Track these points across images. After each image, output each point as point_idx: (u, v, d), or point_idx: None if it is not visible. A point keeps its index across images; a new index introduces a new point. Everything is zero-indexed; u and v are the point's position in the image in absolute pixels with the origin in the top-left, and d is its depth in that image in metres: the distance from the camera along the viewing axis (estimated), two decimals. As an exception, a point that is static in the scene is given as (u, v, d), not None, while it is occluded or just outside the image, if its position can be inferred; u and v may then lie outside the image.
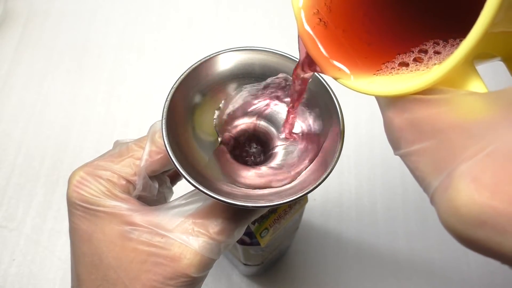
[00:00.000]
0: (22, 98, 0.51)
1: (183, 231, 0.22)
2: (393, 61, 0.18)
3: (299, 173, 0.23)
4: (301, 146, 0.25)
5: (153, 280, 0.22)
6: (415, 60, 0.18)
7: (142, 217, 0.23)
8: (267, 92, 0.26)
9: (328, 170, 0.21)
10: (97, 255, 0.22)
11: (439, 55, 0.17)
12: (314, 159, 0.24)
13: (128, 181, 0.25)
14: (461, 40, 0.16)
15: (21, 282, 0.42)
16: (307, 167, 0.23)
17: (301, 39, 0.19)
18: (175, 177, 0.29)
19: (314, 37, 0.19)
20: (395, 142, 0.16)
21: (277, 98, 0.26)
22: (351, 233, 0.44)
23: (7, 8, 0.56)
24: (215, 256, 0.23)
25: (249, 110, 0.26)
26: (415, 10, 0.20)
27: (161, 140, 0.23)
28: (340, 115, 0.23)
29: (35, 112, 0.50)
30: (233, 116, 0.26)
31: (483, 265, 0.42)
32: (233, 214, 0.23)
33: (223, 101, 0.26)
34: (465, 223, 0.12)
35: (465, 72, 0.15)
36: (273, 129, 0.26)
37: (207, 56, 0.24)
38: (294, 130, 0.26)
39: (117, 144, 0.26)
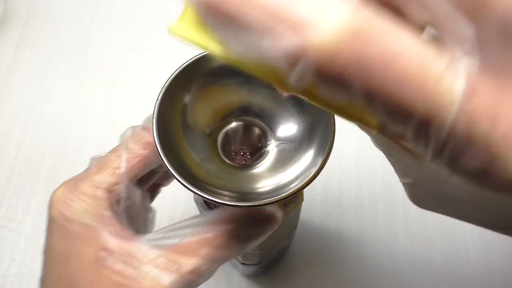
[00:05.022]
0: (22, 98, 0.51)
1: (157, 265, 0.22)
2: None
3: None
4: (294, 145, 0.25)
5: None
6: None
7: (120, 243, 0.22)
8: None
9: (317, 168, 0.21)
10: (73, 277, 0.22)
11: None
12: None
13: (111, 193, 0.24)
14: None
15: (21, 282, 0.42)
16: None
17: None
18: (155, 189, 0.29)
19: None
20: None
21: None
22: (351, 233, 0.44)
23: (7, 8, 0.56)
24: None
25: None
26: None
27: (135, 146, 0.24)
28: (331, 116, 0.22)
29: (35, 112, 0.50)
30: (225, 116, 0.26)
31: (483, 265, 0.42)
32: (209, 253, 0.22)
33: None
34: None
35: None
36: (265, 127, 0.26)
37: (198, 55, 0.23)
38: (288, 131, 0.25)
39: (93, 160, 0.26)
